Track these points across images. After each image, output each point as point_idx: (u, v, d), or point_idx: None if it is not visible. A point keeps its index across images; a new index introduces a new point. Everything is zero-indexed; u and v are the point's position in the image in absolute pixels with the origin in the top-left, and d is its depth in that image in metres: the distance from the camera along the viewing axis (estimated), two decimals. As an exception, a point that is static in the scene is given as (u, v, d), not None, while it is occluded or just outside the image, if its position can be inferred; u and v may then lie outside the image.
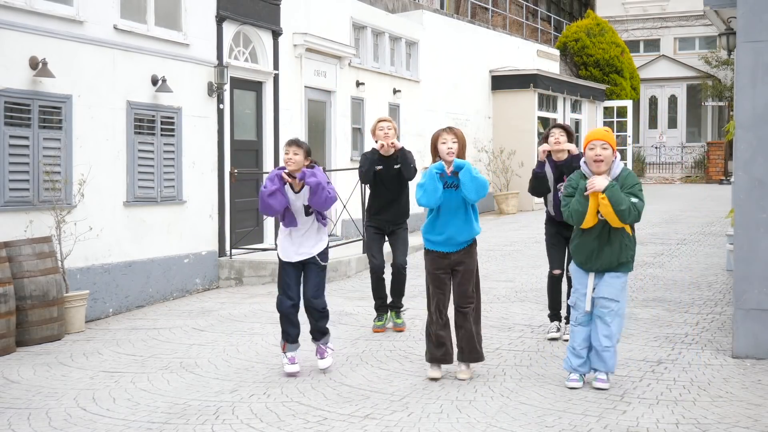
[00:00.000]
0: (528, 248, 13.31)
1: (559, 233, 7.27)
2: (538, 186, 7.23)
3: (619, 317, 5.72)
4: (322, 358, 6.50)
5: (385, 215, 7.81)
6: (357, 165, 13.76)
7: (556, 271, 7.28)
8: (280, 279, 6.44)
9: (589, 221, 5.66)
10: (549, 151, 7.10)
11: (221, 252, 11.20)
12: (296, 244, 6.39)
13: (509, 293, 9.60)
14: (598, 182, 5.55)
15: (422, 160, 17.25)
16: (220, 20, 11.14)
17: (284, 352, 6.44)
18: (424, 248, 6.22)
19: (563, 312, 7.32)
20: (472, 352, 6.13)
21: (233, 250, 11.26)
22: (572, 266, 5.96)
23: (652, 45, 34.47)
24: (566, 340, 7.17)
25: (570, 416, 5.19)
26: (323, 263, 6.45)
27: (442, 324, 6.14)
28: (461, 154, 6.08)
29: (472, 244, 6.20)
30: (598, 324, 5.72)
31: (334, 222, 11.55)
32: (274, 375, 6.42)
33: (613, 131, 5.81)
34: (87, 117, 9.10)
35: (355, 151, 15.01)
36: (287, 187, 6.29)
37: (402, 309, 7.94)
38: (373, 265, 7.79)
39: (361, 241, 11.83)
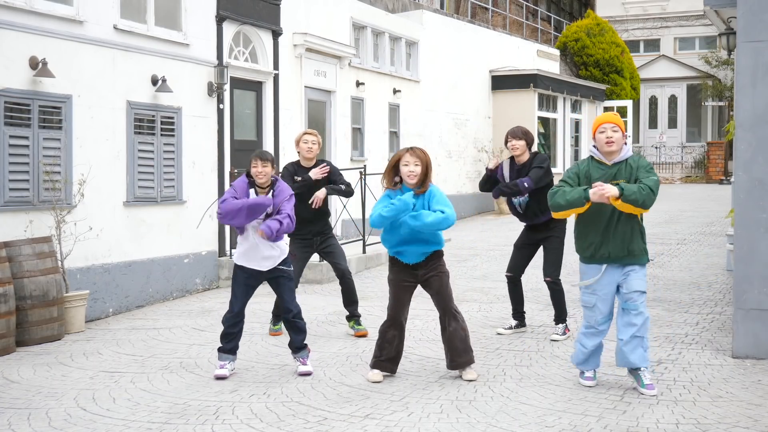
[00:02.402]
0: (528, 248, 13.29)
1: (527, 240, 7.53)
2: (484, 183, 7.63)
3: (645, 309, 5.70)
4: (303, 364, 6.48)
5: (313, 227, 7.71)
6: (357, 165, 13.83)
7: (510, 273, 7.57)
8: (235, 290, 6.41)
9: (565, 215, 5.78)
10: (511, 156, 7.50)
11: (221, 252, 11.20)
12: (257, 251, 6.37)
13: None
14: (609, 190, 5.46)
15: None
16: (220, 20, 11.14)
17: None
18: (389, 255, 6.21)
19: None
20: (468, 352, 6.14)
21: (233, 250, 11.25)
22: (584, 266, 5.83)
23: (652, 45, 34.47)
24: (554, 341, 7.24)
25: (570, 416, 5.19)
26: (289, 268, 6.51)
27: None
28: (426, 176, 5.95)
29: (435, 255, 6.14)
30: (633, 318, 5.64)
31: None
32: (274, 375, 6.42)
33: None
34: (87, 117, 9.10)
35: (355, 151, 15.02)
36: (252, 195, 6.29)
37: (359, 316, 7.86)
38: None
39: (361, 241, 11.84)
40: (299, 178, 7.61)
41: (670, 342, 7.05)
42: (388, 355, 6.16)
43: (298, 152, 7.73)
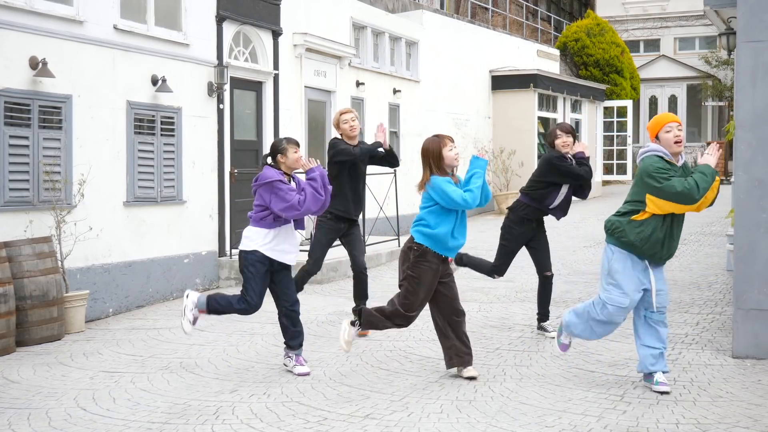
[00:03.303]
0: (528, 248, 13.30)
1: (524, 237, 7.45)
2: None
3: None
4: (300, 364, 6.46)
5: (349, 206, 7.64)
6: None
7: (499, 276, 7.62)
8: (255, 282, 6.28)
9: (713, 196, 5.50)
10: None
11: (221, 252, 11.20)
12: (290, 244, 6.36)
13: (509, 293, 9.61)
14: (712, 160, 5.37)
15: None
16: (220, 20, 11.14)
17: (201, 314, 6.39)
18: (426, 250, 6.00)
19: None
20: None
21: (233, 250, 11.26)
22: (619, 263, 5.61)
23: (652, 45, 34.48)
24: (553, 337, 7.28)
25: (570, 416, 5.19)
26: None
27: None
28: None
29: None
30: (659, 328, 5.65)
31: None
32: (274, 375, 6.42)
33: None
34: (87, 117, 9.10)
35: (355, 151, 15.02)
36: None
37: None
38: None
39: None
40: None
41: (670, 342, 7.05)
42: None
43: (341, 134, 7.69)
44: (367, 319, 6.14)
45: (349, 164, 7.57)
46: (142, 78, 9.85)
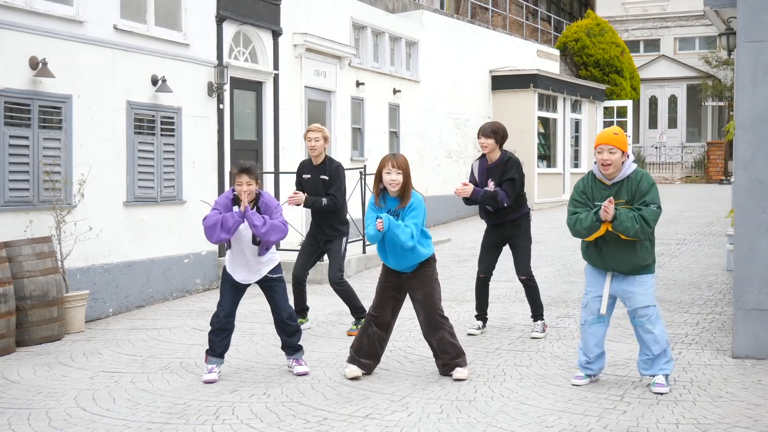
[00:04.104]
0: (528, 248, 13.29)
1: (495, 240, 7.49)
2: (467, 203, 7.43)
3: (658, 320, 5.70)
4: (299, 364, 6.47)
5: (315, 227, 7.81)
6: (357, 165, 13.83)
7: (483, 275, 7.56)
8: (223, 294, 6.39)
9: (594, 237, 5.64)
10: (483, 153, 7.40)
11: (221, 252, 11.19)
12: (247, 266, 6.35)
13: (509, 293, 9.60)
14: (610, 212, 5.45)
15: (422, 160, 17.27)
16: (220, 20, 11.15)
17: (206, 363, 6.37)
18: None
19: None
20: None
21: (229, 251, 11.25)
22: (587, 267, 5.91)
23: (652, 45, 34.48)
24: (535, 338, 7.33)
25: (570, 416, 5.19)
26: (279, 275, 6.46)
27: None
28: (406, 183, 6.02)
29: (423, 265, 6.15)
30: (642, 334, 5.70)
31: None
32: (274, 375, 6.42)
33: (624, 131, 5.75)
34: (87, 117, 9.10)
35: (355, 151, 15.02)
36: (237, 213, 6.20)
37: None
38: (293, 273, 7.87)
39: (361, 241, 11.84)
40: (307, 176, 7.69)
41: (670, 342, 7.04)
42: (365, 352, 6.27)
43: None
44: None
45: (304, 182, 7.81)
46: (142, 78, 9.85)
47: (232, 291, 6.41)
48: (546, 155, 21.47)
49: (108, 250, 9.38)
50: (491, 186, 7.24)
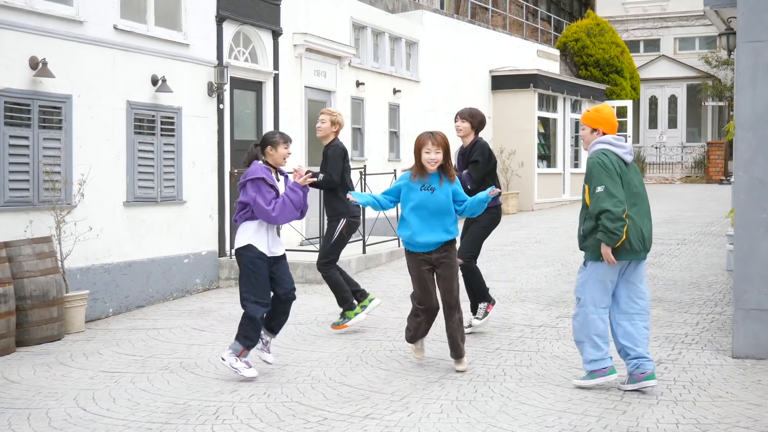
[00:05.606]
0: (528, 248, 13.31)
1: (465, 224, 7.54)
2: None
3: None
4: (269, 352, 6.52)
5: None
6: (357, 165, 13.82)
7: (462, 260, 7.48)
8: (255, 280, 6.22)
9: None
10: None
11: (221, 252, 11.20)
12: (272, 238, 6.36)
13: (509, 293, 9.60)
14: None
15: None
16: (220, 20, 11.14)
17: (241, 357, 6.30)
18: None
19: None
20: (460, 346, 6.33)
21: (233, 250, 11.25)
22: (600, 266, 5.72)
23: (652, 45, 34.46)
24: (472, 325, 7.44)
25: (570, 416, 5.19)
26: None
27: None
28: (447, 160, 6.08)
29: (448, 245, 6.24)
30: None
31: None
32: (274, 375, 6.42)
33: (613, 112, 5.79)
34: (87, 117, 9.10)
35: (355, 151, 15.02)
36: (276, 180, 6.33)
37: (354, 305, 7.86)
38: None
39: (361, 242, 11.84)
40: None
41: (670, 342, 7.05)
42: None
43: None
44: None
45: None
46: (142, 78, 9.85)
47: (266, 274, 6.26)
48: (546, 155, 21.47)
49: (108, 250, 9.38)
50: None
